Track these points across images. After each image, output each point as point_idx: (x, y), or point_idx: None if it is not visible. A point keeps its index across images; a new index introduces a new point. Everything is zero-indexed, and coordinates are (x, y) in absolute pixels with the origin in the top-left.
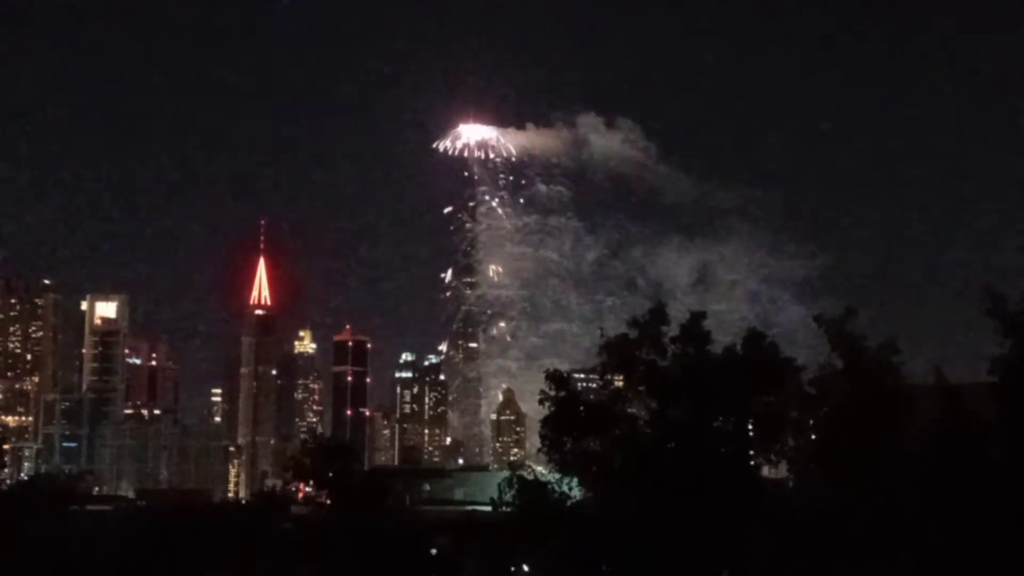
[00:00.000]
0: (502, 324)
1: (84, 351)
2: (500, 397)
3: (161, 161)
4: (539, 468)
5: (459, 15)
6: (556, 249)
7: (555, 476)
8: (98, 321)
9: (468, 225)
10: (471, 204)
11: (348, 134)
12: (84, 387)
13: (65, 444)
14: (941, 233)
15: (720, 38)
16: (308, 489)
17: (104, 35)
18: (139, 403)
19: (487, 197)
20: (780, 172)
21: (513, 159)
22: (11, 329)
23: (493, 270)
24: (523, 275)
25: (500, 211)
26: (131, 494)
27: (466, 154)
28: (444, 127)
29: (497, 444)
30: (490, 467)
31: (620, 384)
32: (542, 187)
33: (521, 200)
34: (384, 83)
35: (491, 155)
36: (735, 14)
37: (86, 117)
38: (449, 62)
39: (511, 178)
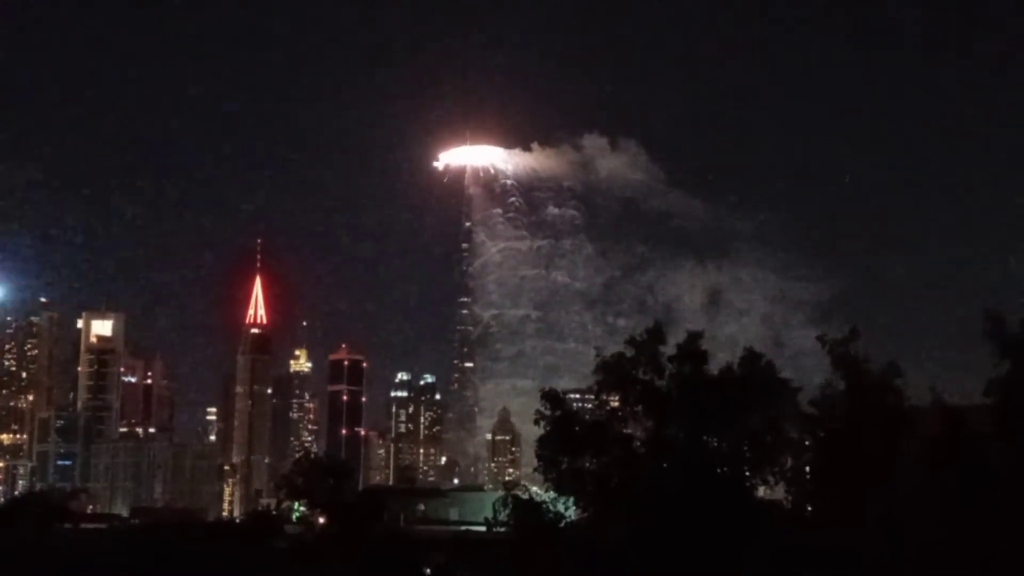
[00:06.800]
0: (513, 344)
1: (79, 369)
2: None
3: (158, 180)
4: (534, 488)
5: (461, 33)
6: (567, 270)
7: (550, 496)
8: (93, 339)
9: (466, 245)
10: (468, 224)
11: (348, 153)
12: (79, 405)
13: (59, 462)
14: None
15: (730, 59)
16: (303, 508)
17: (96, 50)
18: (134, 421)
19: (496, 219)
20: (792, 195)
21: (521, 180)
22: (6, 347)
23: (502, 291)
24: (534, 296)
25: (510, 232)
26: (125, 512)
27: (471, 174)
28: (447, 147)
29: (493, 464)
30: (485, 487)
31: (616, 403)
32: (554, 209)
33: (529, 221)
34: (386, 101)
35: (499, 176)
36: (745, 35)
37: (82, 135)
38: (453, 81)
39: (519, 200)
